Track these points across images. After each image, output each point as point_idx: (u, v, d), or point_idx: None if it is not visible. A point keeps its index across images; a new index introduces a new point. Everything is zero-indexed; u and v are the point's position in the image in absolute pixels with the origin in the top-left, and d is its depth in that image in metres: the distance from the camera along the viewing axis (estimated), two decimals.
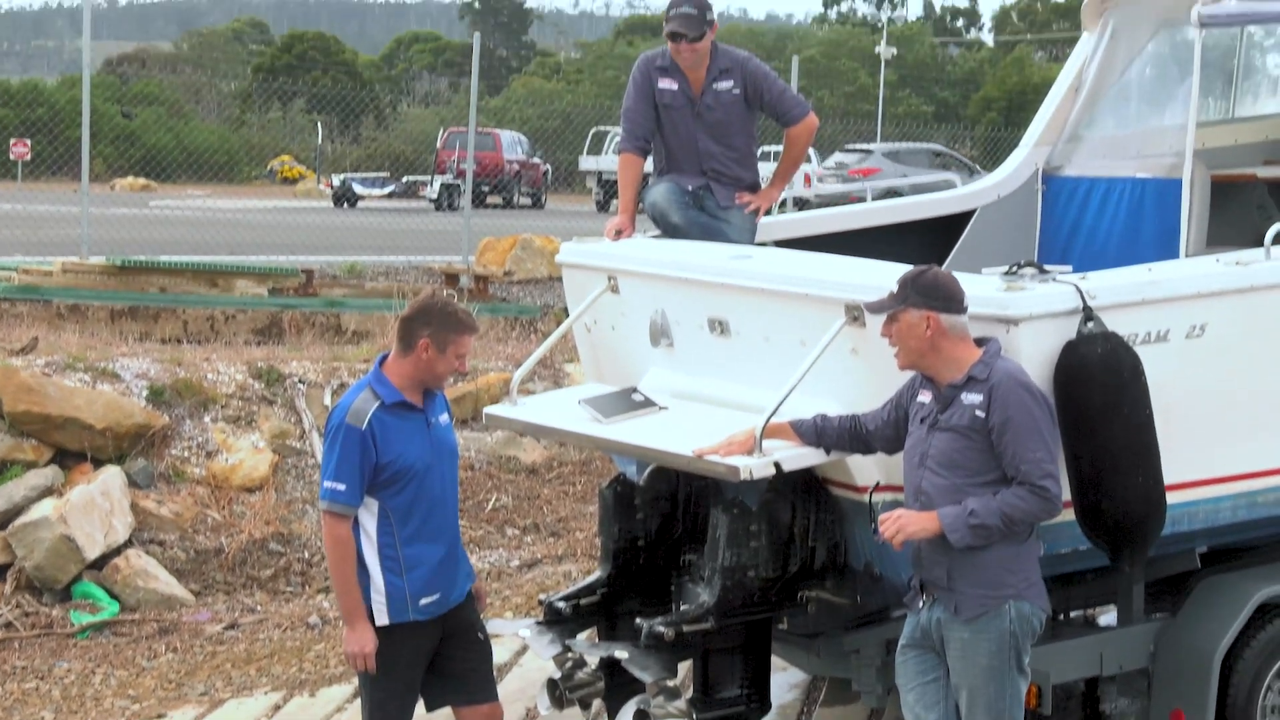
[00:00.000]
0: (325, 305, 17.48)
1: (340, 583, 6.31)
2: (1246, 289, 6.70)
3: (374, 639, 6.26)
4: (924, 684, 6.13)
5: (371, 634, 6.26)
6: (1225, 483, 6.78)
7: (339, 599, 6.34)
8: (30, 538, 10.74)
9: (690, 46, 7.91)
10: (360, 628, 6.26)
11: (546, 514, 12.72)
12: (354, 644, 6.26)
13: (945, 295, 5.95)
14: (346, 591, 6.27)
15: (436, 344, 6.28)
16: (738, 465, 6.32)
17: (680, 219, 7.95)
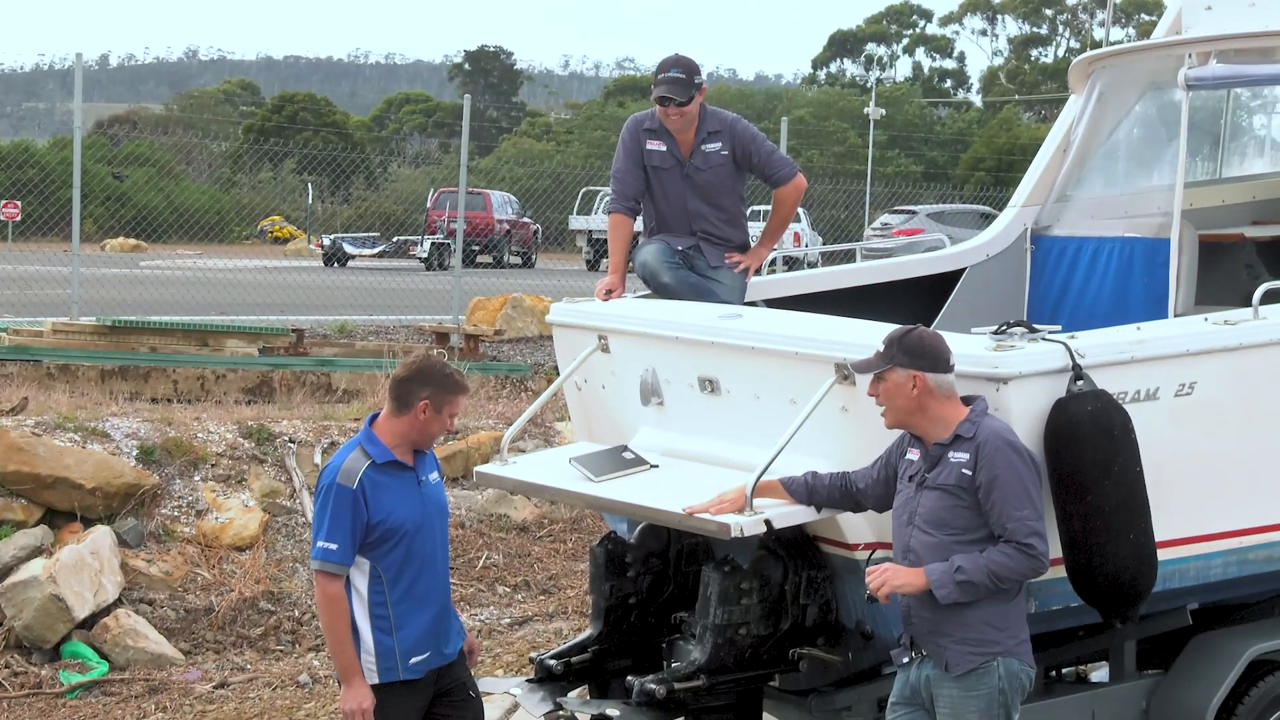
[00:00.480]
0: (316, 364, 17.49)
1: (335, 642, 6.30)
2: (1235, 347, 6.74)
3: (371, 696, 6.24)
4: None
5: (368, 691, 6.25)
6: (1216, 540, 6.81)
7: (334, 658, 6.33)
8: (19, 597, 10.72)
9: (679, 110, 7.95)
10: (357, 684, 6.24)
11: (537, 572, 12.71)
12: (351, 701, 6.24)
13: (932, 355, 5.99)
14: (342, 650, 6.26)
15: (434, 405, 6.30)
16: (729, 523, 6.33)
17: (670, 279, 7.98)
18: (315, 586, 6.36)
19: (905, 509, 6.07)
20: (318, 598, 6.36)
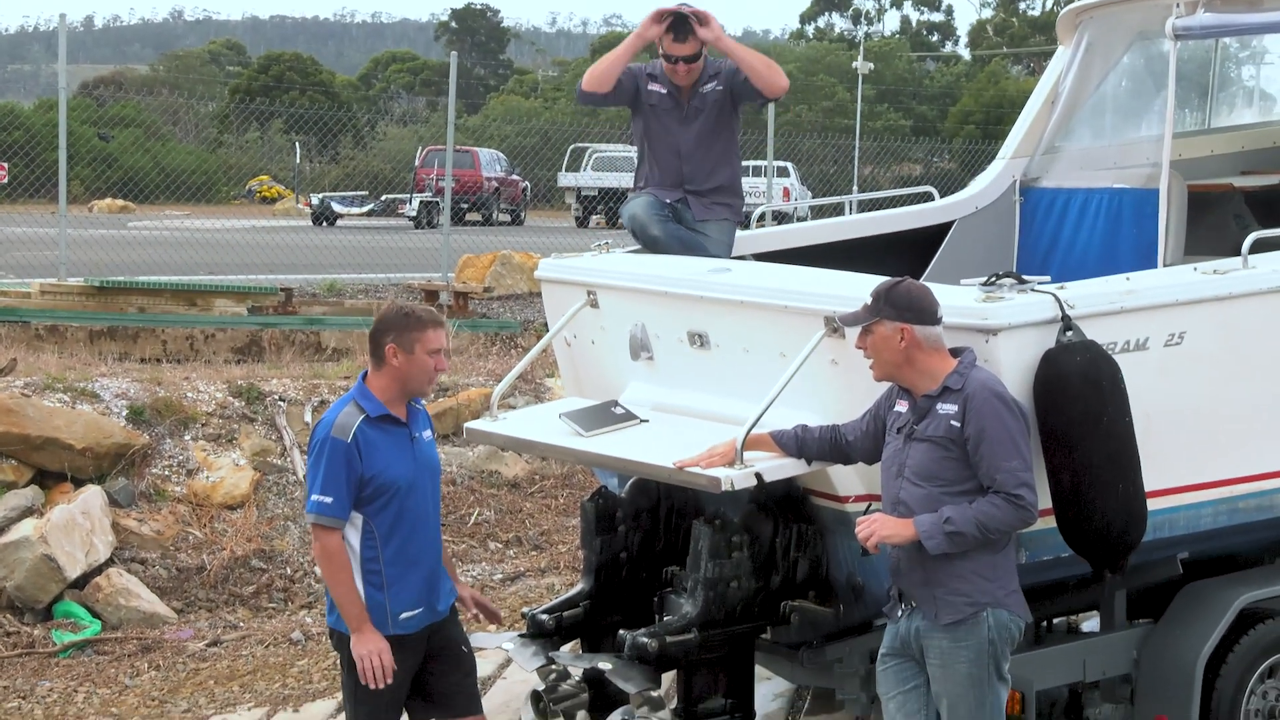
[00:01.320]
0: (305, 323, 17.47)
1: (341, 591, 6.27)
2: (1224, 297, 6.74)
3: (385, 642, 6.24)
4: (904, 692, 6.15)
5: (381, 637, 6.24)
6: (1206, 489, 6.82)
7: (341, 607, 6.29)
8: (11, 558, 10.72)
9: (688, 67, 7.98)
10: (368, 631, 6.24)
11: (529, 528, 12.73)
12: (365, 645, 6.22)
13: (919, 307, 5.98)
14: (348, 599, 6.25)
15: (403, 347, 6.28)
16: (719, 476, 6.34)
17: (660, 231, 7.97)
18: (313, 540, 6.36)
19: (894, 461, 6.08)
20: (316, 551, 6.36)
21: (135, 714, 9.31)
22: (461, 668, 6.66)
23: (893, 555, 6.06)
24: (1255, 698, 7.36)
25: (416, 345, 6.30)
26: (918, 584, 6.00)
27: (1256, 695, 7.36)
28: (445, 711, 6.63)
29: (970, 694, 5.96)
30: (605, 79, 8.10)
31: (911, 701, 6.12)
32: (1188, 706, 7.06)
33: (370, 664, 6.22)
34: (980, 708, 5.97)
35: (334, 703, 9.22)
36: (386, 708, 6.48)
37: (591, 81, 8.14)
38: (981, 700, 5.97)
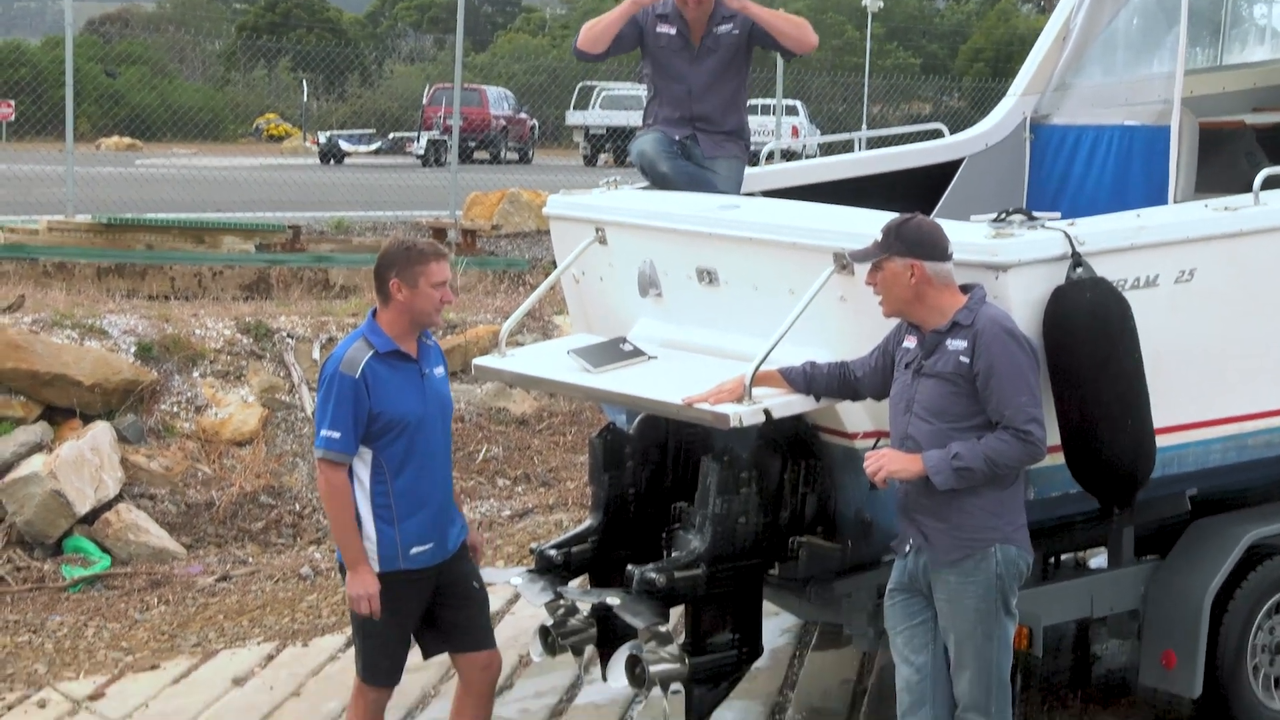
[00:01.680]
0: (312, 261, 17.46)
1: (340, 529, 6.35)
2: (1235, 234, 6.72)
3: (376, 582, 6.30)
4: (912, 627, 6.15)
5: (374, 577, 6.30)
6: (1215, 426, 6.81)
7: (340, 545, 6.38)
8: (20, 493, 10.74)
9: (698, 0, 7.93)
10: (363, 571, 6.30)
11: (537, 464, 12.75)
12: (358, 586, 6.30)
13: (930, 243, 5.95)
14: (347, 537, 6.31)
15: (406, 281, 6.30)
16: (727, 413, 6.33)
17: (668, 168, 7.94)
18: (319, 475, 6.39)
19: (903, 396, 6.07)
20: (321, 486, 6.41)
21: (145, 648, 9.36)
22: (472, 603, 6.69)
23: (901, 490, 6.06)
24: (1262, 633, 7.39)
25: (420, 279, 6.31)
26: (926, 520, 6.00)
27: (1264, 630, 7.39)
28: (456, 645, 6.67)
29: (978, 629, 5.97)
30: (599, 41, 8.09)
31: (919, 636, 6.14)
32: (1195, 642, 7.09)
33: (361, 605, 6.31)
34: (988, 642, 5.98)
35: (343, 637, 9.26)
36: (394, 642, 6.54)
37: (586, 42, 8.13)
38: (989, 635, 5.98)
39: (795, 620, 9.10)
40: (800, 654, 8.90)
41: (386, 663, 6.56)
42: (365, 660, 6.58)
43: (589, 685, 8.46)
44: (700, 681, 6.78)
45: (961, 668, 6.02)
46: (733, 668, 6.92)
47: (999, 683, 6.03)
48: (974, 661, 5.99)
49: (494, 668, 6.76)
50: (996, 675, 6.02)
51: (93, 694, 8.63)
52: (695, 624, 6.82)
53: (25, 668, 9.07)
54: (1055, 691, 8.28)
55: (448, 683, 8.45)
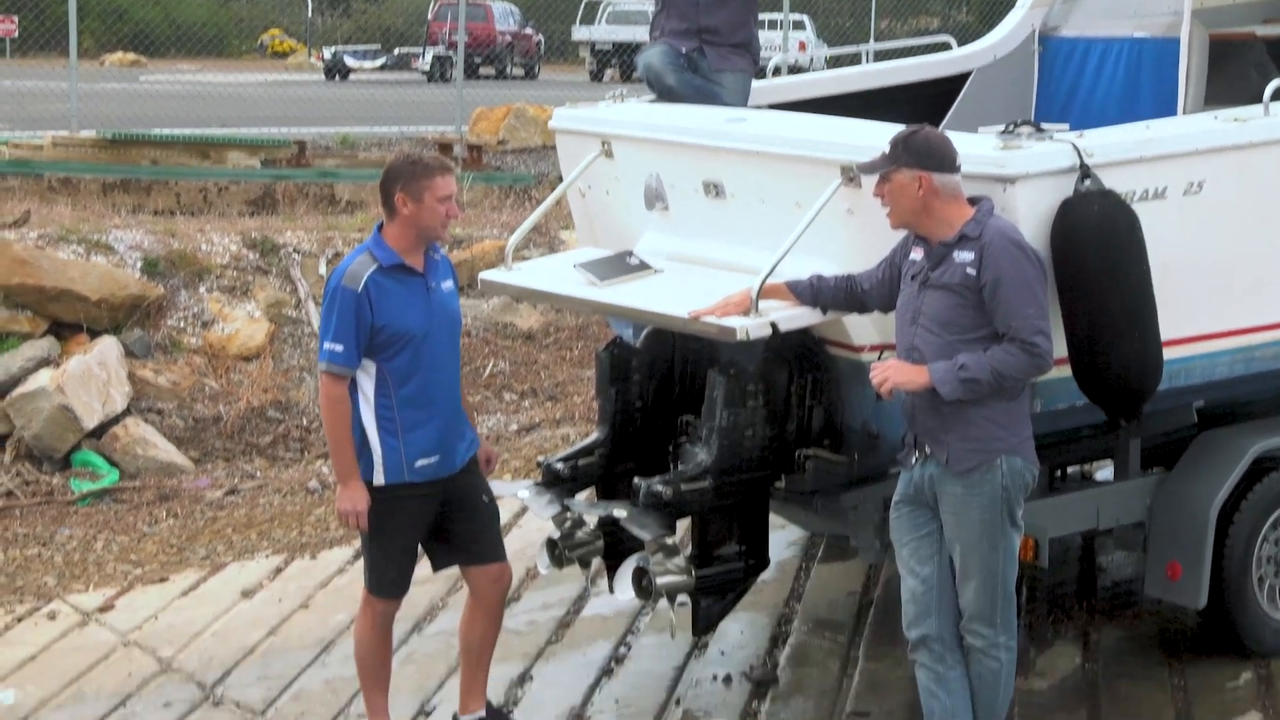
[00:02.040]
0: (318, 176, 17.42)
1: (335, 442, 6.39)
2: (1244, 145, 6.68)
3: (366, 497, 6.31)
4: (918, 538, 6.16)
5: (364, 492, 6.32)
6: (1222, 338, 6.79)
7: (333, 458, 6.45)
8: (28, 408, 10.78)
9: None
10: (353, 486, 6.32)
11: (544, 379, 12.77)
12: (346, 502, 6.33)
13: (938, 155, 5.91)
14: (340, 451, 6.35)
15: (411, 195, 6.28)
16: (734, 326, 6.32)
17: (675, 81, 7.90)
18: (320, 388, 6.41)
19: (909, 308, 6.05)
20: (321, 399, 6.44)
21: (154, 561, 9.41)
22: (483, 516, 6.71)
23: (907, 402, 6.05)
24: (1268, 544, 7.41)
25: (425, 193, 6.29)
26: (932, 431, 5.99)
27: (1269, 542, 7.41)
28: (467, 557, 6.70)
29: (984, 540, 5.97)
30: None
31: (924, 547, 6.15)
32: (1200, 553, 7.10)
33: (349, 520, 6.37)
34: (993, 554, 5.98)
35: (350, 550, 9.30)
36: (401, 554, 6.57)
37: None
38: (995, 546, 5.98)
39: (802, 533, 9.13)
40: (806, 566, 8.94)
41: (393, 574, 6.59)
42: (372, 572, 6.60)
43: (596, 597, 8.50)
44: (706, 593, 6.81)
45: (967, 579, 6.03)
46: (739, 580, 6.95)
47: (1004, 594, 6.05)
48: (979, 572, 6.00)
49: (505, 580, 6.79)
50: (1002, 586, 6.03)
51: (102, 606, 8.69)
52: (702, 536, 6.84)
53: (35, 580, 9.13)
54: (1061, 603, 8.33)
55: (455, 595, 8.50)
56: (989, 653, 6.09)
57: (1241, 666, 7.48)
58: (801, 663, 7.77)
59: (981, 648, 6.08)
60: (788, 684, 7.54)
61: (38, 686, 7.72)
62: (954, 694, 6.19)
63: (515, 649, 7.93)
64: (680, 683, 7.55)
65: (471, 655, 6.82)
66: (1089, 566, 8.83)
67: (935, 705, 6.22)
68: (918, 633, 6.20)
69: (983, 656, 6.10)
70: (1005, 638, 6.09)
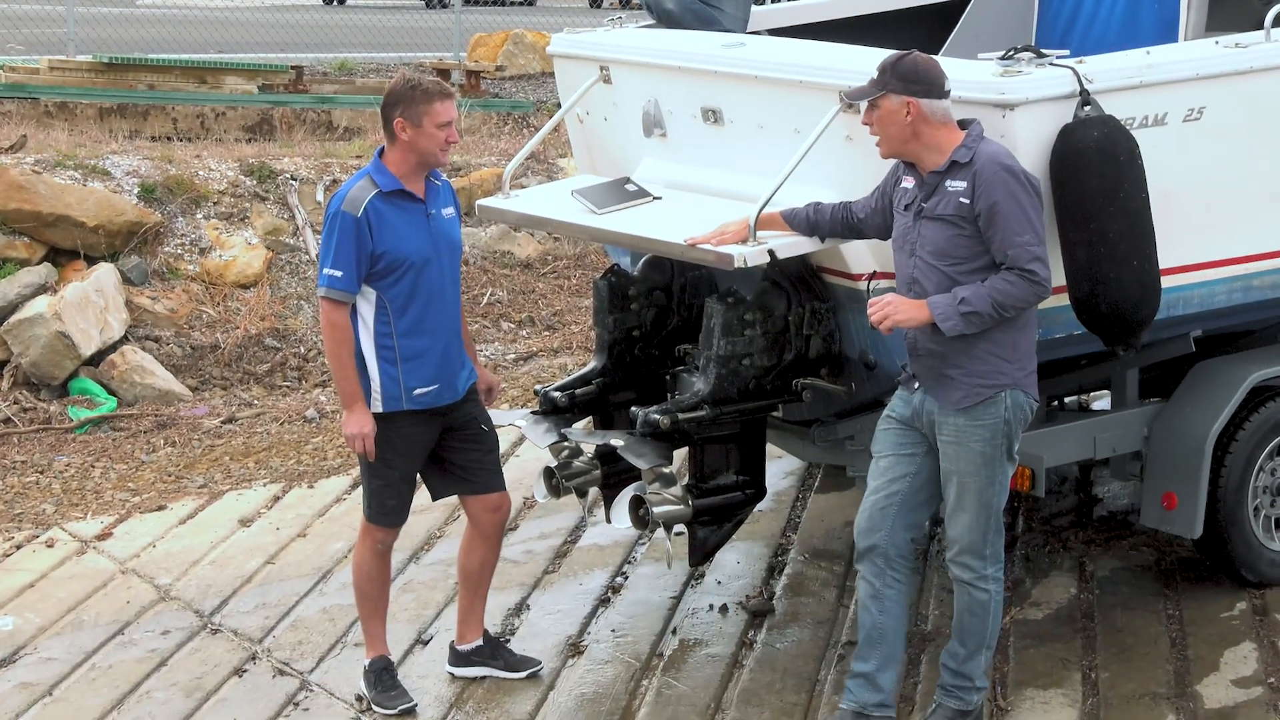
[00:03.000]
0: (316, 102, 17.30)
1: (338, 368, 6.38)
2: (1246, 71, 6.62)
3: (372, 422, 6.33)
4: (899, 456, 6.13)
5: (369, 417, 6.33)
6: (1221, 266, 6.76)
7: (337, 384, 6.43)
8: (26, 334, 10.76)
9: None
10: (358, 410, 6.33)
11: (542, 308, 12.74)
12: (352, 426, 6.34)
13: (926, 80, 5.84)
14: (344, 376, 6.34)
15: (411, 120, 6.26)
16: (731, 254, 6.29)
17: (674, 5, 7.83)
18: (320, 314, 6.39)
19: (906, 240, 6.01)
20: (322, 324, 6.41)
21: (152, 489, 9.42)
22: (482, 445, 6.71)
23: (909, 336, 6.02)
24: (1264, 474, 7.41)
25: (424, 118, 6.26)
26: (936, 364, 5.94)
27: (1265, 472, 7.41)
28: (466, 486, 6.72)
29: (982, 472, 5.96)
30: None
31: (902, 465, 6.11)
32: (1197, 483, 7.10)
33: (355, 444, 6.36)
34: (990, 486, 5.98)
35: (348, 479, 9.31)
36: (400, 483, 6.58)
37: None
38: (991, 479, 5.98)
39: (798, 463, 9.14)
40: (803, 497, 8.94)
41: (393, 502, 6.60)
42: (372, 500, 6.61)
43: (593, 526, 8.52)
44: (703, 523, 6.81)
45: (960, 510, 6.01)
46: (736, 509, 6.95)
47: (995, 525, 6.06)
48: (974, 505, 5.98)
49: (504, 509, 6.80)
50: (994, 518, 6.04)
51: (100, 534, 8.70)
52: (699, 465, 6.84)
53: (33, 507, 9.14)
54: (1057, 533, 8.34)
55: (453, 524, 8.52)
56: (977, 585, 6.09)
57: (1236, 596, 7.50)
58: (798, 593, 7.78)
59: (970, 580, 6.09)
60: (784, 614, 7.55)
61: (36, 614, 7.74)
62: (886, 611, 6.21)
63: (512, 578, 7.94)
64: (677, 612, 7.57)
65: (470, 584, 6.85)
66: (1085, 496, 8.83)
67: (867, 619, 6.26)
68: (866, 542, 6.19)
69: (971, 589, 6.11)
70: (994, 569, 6.10)
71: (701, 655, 7.17)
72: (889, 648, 6.27)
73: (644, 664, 7.07)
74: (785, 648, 7.22)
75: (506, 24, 24.57)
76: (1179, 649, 7.09)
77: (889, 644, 6.26)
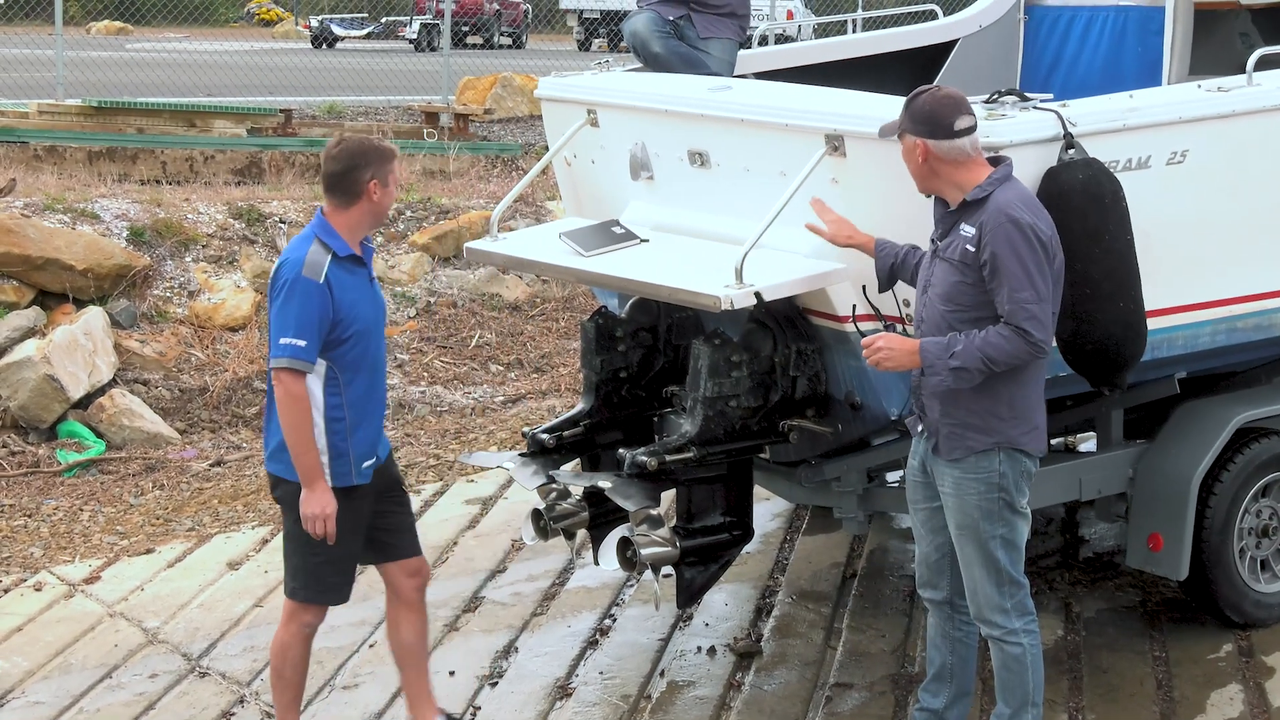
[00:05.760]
0: (305, 145, 17.36)
1: (299, 442, 5.98)
2: (1228, 115, 6.67)
3: (334, 501, 6.02)
4: (931, 509, 6.09)
5: (331, 496, 6.02)
6: (1205, 308, 6.80)
7: (297, 460, 6.00)
8: (14, 378, 10.76)
9: None
10: (320, 489, 6.00)
11: (530, 350, 12.76)
12: (314, 506, 6.00)
13: (932, 121, 5.74)
14: (306, 450, 5.98)
15: (381, 180, 6.06)
16: (718, 295, 6.31)
17: (661, 48, 7.89)
18: (278, 386, 5.97)
19: (924, 278, 5.94)
20: (281, 397, 5.96)
21: (140, 532, 9.41)
22: (405, 507, 6.53)
23: (915, 377, 5.96)
24: (1249, 516, 7.43)
25: (390, 176, 6.12)
26: (934, 410, 5.89)
27: (1250, 514, 7.43)
28: (388, 552, 6.45)
29: (982, 525, 5.84)
30: None
31: (937, 518, 6.06)
32: (1182, 524, 7.12)
33: (317, 526, 6.02)
34: (993, 539, 5.86)
35: None
36: (347, 559, 6.30)
37: None
38: (993, 533, 5.85)
39: (786, 504, 9.15)
40: (791, 538, 8.95)
41: (335, 579, 6.28)
42: (308, 579, 6.27)
43: (581, 568, 8.52)
44: (691, 564, 6.81)
45: (970, 564, 5.93)
46: (723, 550, 6.95)
47: (1011, 578, 5.93)
48: (981, 557, 5.87)
49: (425, 573, 6.56)
50: (1007, 572, 5.90)
51: (88, 577, 8.69)
52: (687, 507, 6.85)
53: (21, 551, 9.12)
54: (1043, 573, 8.34)
55: (441, 566, 8.52)
56: (1008, 640, 5.99)
57: (1222, 637, 7.51)
58: (786, 634, 7.79)
59: (999, 636, 6.00)
60: (772, 655, 7.56)
61: (24, 657, 7.72)
62: (956, 652, 6.29)
63: (501, 620, 7.94)
64: (665, 654, 7.57)
65: (410, 661, 6.55)
66: (1071, 537, 8.85)
67: (936, 656, 6.35)
68: (929, 596, 6.25)
69: (1002, 645, 6.01)
70: (1022, 622, 5.98)
71: (690, 697, 7.17)
72: (959, 684, 6.33)
73: (632, 706, 7.07)
74: (773, 689, 7.22)
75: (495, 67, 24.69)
76: (1165, 690, 7.10)
77: (959, 681, 6.32)
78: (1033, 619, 6.04)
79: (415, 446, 10.79)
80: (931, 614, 6.33)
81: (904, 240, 6.17)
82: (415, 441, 10.91)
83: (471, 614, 8.07)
